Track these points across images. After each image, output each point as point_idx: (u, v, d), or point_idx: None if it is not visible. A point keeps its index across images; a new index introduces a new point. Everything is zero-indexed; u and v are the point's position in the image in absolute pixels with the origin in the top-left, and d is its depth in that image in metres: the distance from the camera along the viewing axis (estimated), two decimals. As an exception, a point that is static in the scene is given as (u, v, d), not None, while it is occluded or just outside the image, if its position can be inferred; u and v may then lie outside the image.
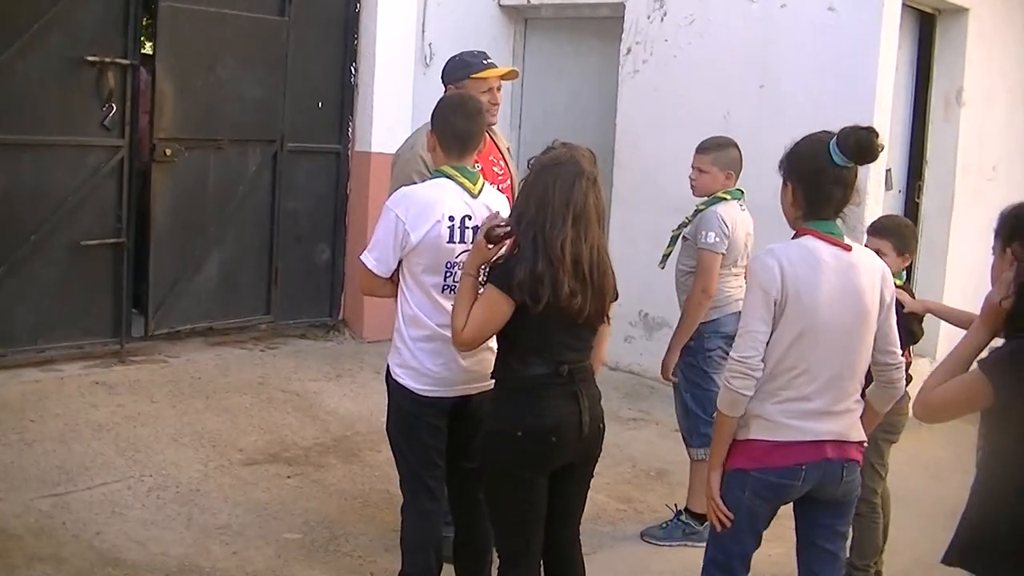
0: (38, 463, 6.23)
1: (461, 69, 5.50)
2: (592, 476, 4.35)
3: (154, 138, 8.15)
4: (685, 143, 6.25)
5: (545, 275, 3.91)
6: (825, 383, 3.92)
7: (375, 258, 4.43)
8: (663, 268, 6.14)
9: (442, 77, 5.62)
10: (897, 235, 5.37)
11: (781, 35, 8.16)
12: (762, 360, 3.84)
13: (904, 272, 5.46)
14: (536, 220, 3.96)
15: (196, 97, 8.34)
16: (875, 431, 5.32)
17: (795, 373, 3.87)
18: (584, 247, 3.97)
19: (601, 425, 4.21)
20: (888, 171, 8.38)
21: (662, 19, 8.82)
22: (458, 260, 4.37)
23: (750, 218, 6.01)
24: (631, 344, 9.00)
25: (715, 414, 4.03)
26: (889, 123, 8.05)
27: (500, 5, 10.15)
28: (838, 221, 3.96)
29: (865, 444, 4.14)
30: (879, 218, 5.76)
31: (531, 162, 4.13)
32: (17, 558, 5.14)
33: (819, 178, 3.89)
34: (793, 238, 3.97)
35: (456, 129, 4.48)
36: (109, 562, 5.21)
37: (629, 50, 9.07)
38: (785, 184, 3.99)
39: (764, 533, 4.24)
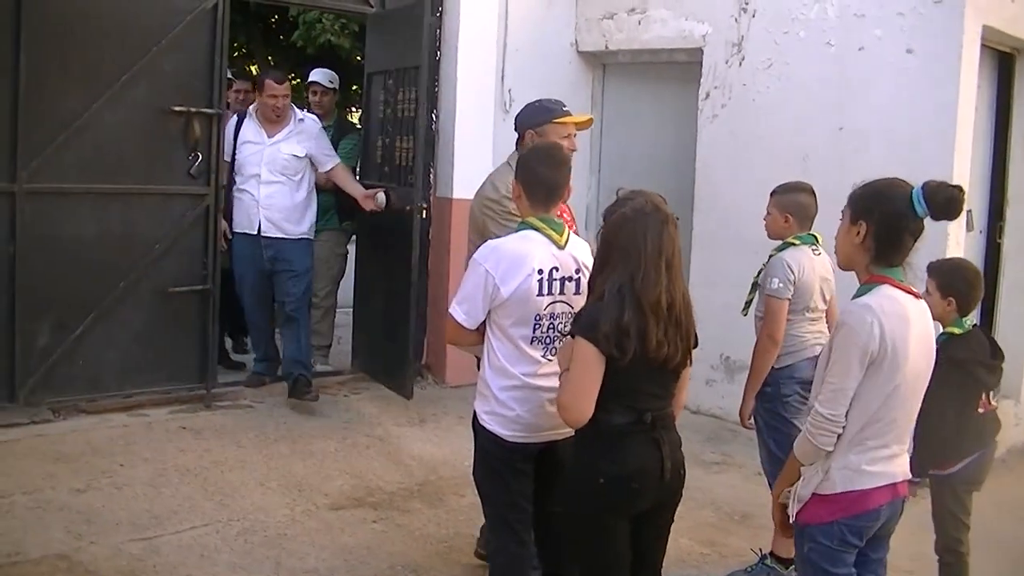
0: (128, 507, 6.33)
1: (543, 114, 5.51)
2: (672, 521, 4.33)
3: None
4: (764, 186, 6.25)
5: (632, 326, 3.91)
6: (903, 429, 3.95)
7: (465, 312, 4.47)
8: (746, 315, 6.13)
9: (518, 122, 5.63)
10: (943, 275, 5.33)
11: (859, 77, 8.12)
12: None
13: (964, 320, 5.36)
14: (624, 270, 3.96)
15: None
16: (957, 482, 5.34)
17: (883, 424, 3.87)
18: (676, 294, 4.00)
19: (682, 471, 4.20)
20: (969, 212, 8.31)
21: (740, 63, 8.83)
22: (546, 312, 4.41)
23: (827, 262, 5.98)
24: (712, 387, 8.97)
25: (796, 459, 4.02)
26: (969, 163, 7.99)
27: (578, 51, 10.20)
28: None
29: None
30: (940, 259, 5.73)
31: (607, 212, 4.14)
32: (110, 601, 5.23)
33: (899, 225, 3.86)
34: (866, 282, 3.93)
35: (543, 179, 4.50)
36: (199, 605, 5.29)
37: (707, 94, 9.08)
38: (855, 222, 3.91)
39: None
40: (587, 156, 10.13)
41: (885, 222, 3.86)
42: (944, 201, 3.79)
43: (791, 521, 4.08)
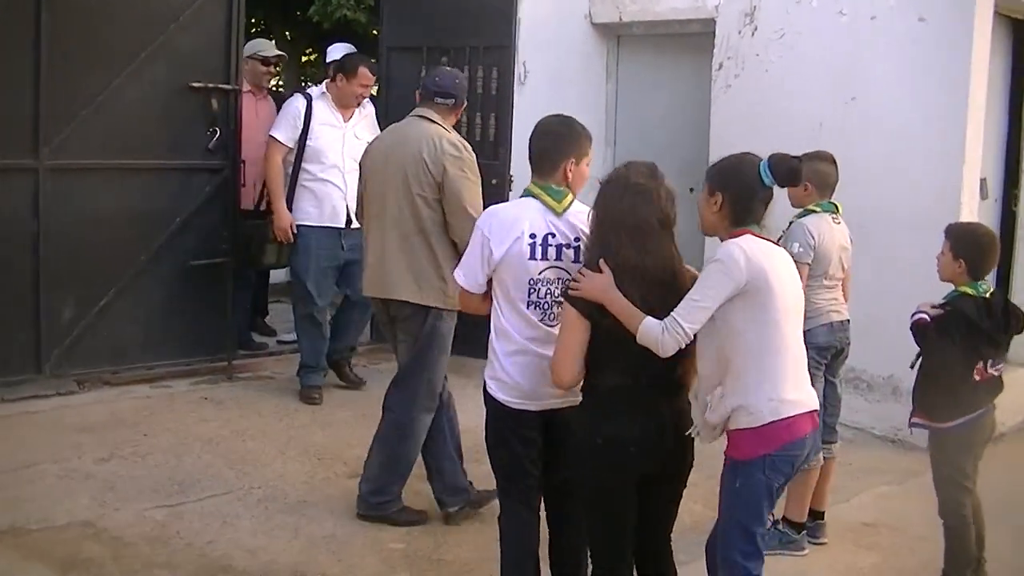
0: (151, 475, 6.48)
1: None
2: (682, 487, 4.42)
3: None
4: (779, 156, 6.31)
5: None
6: (800, 357, 4.29)
7: (463, 274, 4.66)
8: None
9: (460, 91, 6.17)
10: (957, 238, 5.44)
11: (872, 47, 8.13)
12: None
13: (979, 285, 5.38)
14: (606, 239, 4.17)
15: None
16: (952, 445, 5.45)
17: (783, 351, 4.17)
18: (660, 258, 4.17)
19: (688, 438, 4.29)
20: (983, 180, 8.32)
21: (752, 33, 8.85)
22: (540, 277, 4.50)
23: (846, 231, 6.07)
24: (727, 356, 9.00)
25: (638, 330, 4.09)
26: (983, 132, 8.01)
27: (592, 23, 10.22)
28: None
29: None
30: (959, 222, 5.81)
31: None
32: (134, 565, 5.36)
33: (750, 195, 4.23)
34: (731, 237, 4.20)
35: (535, 148, 4.64)
36: (221, 569, 5.41)
37: (721, 65, 9.10)
38: (713, 194, 4.27)
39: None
40: (602, 128, 10.16)
41: (738, 192, 4.24)
42: (787, 171, 4.24)
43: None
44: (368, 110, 8.48)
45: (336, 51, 9.40)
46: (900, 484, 7.01)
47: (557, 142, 4.63)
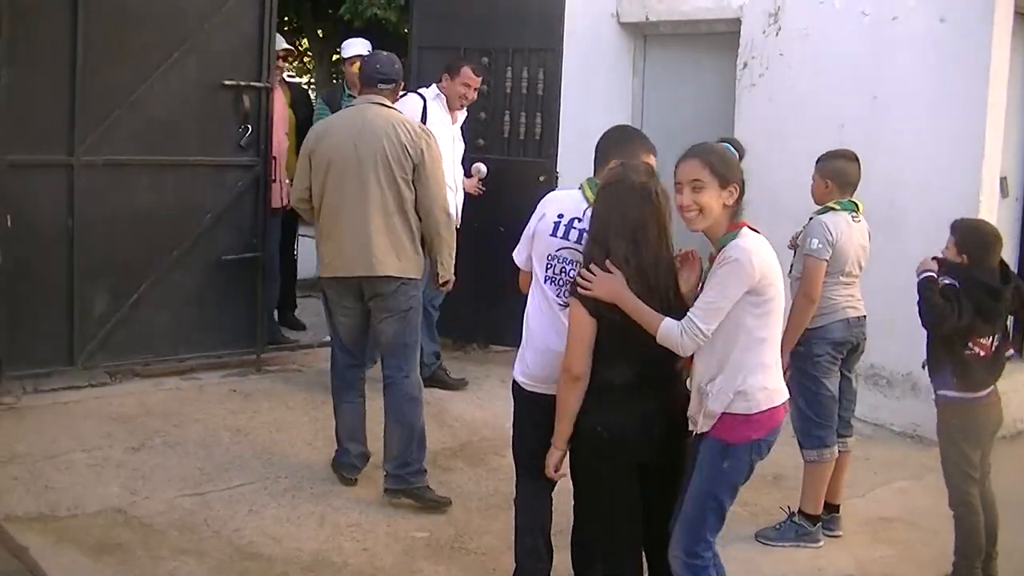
0: (181, 464, 6.61)
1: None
2: (682, 477, 4.47)
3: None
4: (801, 155, 6.40)
5: None
6: (778, 346, 4.46)
7: (517, 251, 4.95)
8: (789, 274, 6.26)
9: (400, 80, 6.58)
10: (962, 234, 5.59)
11: (893, 47, 8.20)
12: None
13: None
14: (599, 238, 4.33)
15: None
16: (953, 435, 5.56)
17: (774, 342, 4.37)
18: (649, 257, 4.29)
19: (683, 427, 4.42)
20: (1003, 179, 8.36)
21: (777, 33, 8.93)
22: (557, 254, 4.74)
23: (865, 229, 6.15)
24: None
25: (657, 331, 4.23)
26: (1003, 131, 8.06)
27: (620, 22, 10.33)
28: None
29: None
30: (964, 218, 5.90)
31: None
32: (163, 551, 5.49)
33: (742, 174, 4.40)
34: (730, 230, 4.32)
35: (596, 149, 4.93)
36: (247, 556, 5.54)
37: (745, 64, 9.18)
38: (726, 187, 4.29)
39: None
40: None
41: (742, 177, 4.37)
42: (740, 146, 4.71)
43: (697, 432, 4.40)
44: (462, 113, 8.50)
45: (351, 47, 9.53)
46: (918, 480, 7.07)
47: (607, 144, 4.91)
